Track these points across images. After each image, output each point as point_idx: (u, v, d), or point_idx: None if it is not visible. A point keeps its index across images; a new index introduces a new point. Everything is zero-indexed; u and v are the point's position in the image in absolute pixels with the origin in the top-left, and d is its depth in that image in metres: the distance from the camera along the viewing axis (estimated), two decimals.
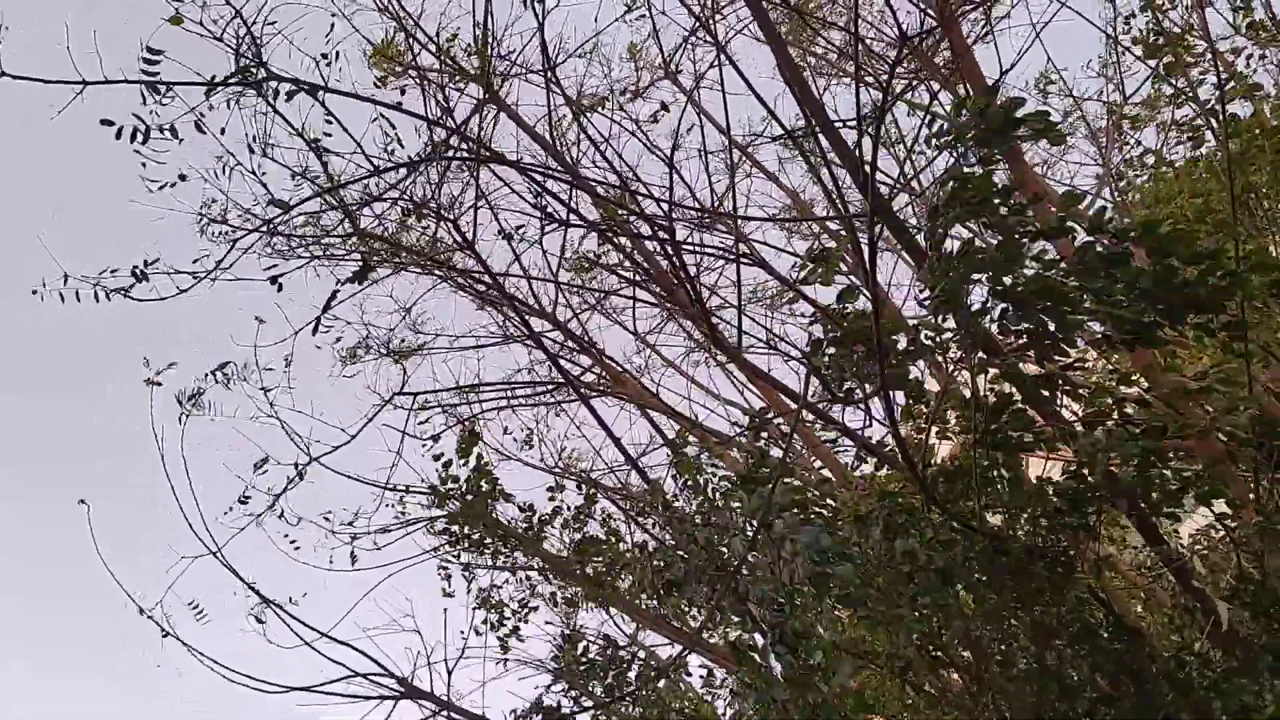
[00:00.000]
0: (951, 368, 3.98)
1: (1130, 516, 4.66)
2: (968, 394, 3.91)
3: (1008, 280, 3.54)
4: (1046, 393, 3.82)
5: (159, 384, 6.57)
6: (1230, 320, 4.20)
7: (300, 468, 7.35)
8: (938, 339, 3.77)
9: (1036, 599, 4.05)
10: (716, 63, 6.78)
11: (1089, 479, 3.97)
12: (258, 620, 6.45)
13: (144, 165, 5.70)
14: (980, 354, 3.73)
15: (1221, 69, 7.11)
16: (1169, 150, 8.53)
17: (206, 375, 6.84)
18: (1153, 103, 8.36)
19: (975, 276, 3.56)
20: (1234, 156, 6.20)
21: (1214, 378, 4.30)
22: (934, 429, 4.36)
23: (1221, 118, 6.43)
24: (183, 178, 6.42)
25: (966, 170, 3.64)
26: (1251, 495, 5.17)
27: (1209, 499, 3.96)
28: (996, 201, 3.54)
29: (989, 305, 3.60)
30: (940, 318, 3.70)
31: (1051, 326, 3.54)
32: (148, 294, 6.22)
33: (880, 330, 3.70)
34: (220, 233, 6.91)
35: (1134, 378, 5.98)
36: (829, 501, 4.73)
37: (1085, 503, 3.98)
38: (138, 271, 6.19)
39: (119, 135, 5.54)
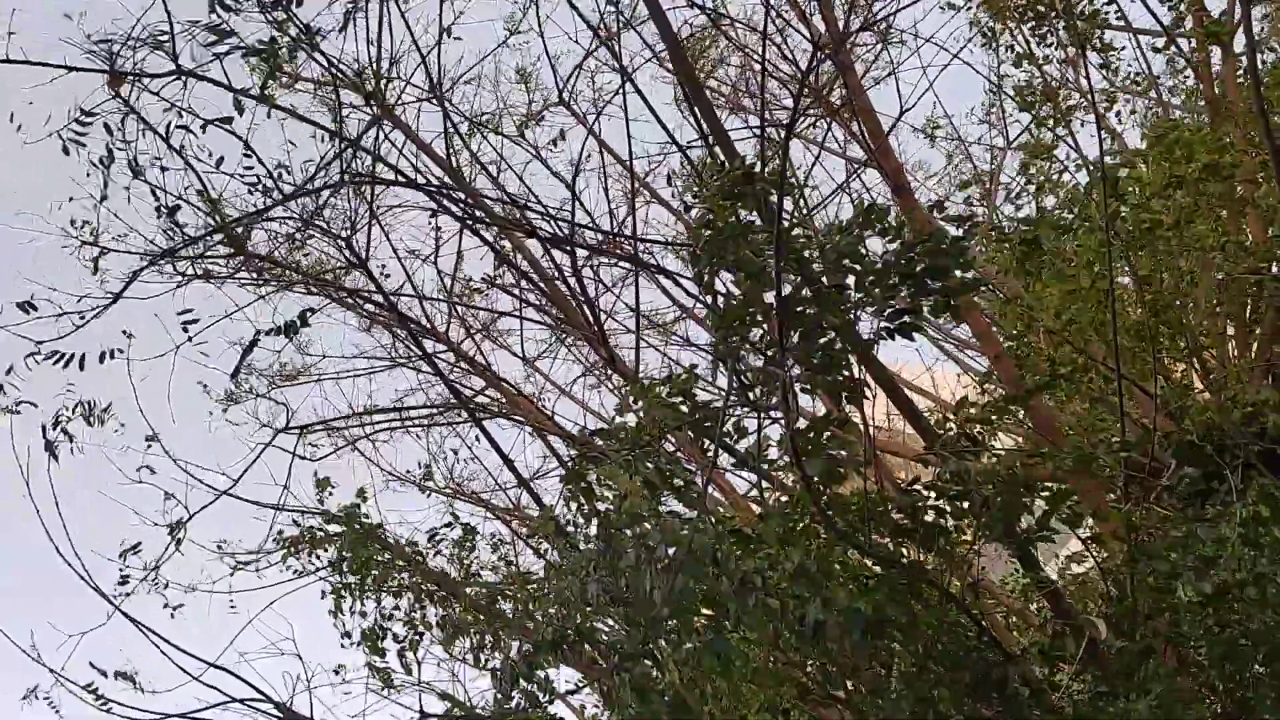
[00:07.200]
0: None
1: (1007, 543, 4.83)
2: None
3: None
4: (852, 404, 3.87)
5: (17, 412, 6.13)
6: None
7: (177, 531, 7.13)
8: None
9: (918, 623, 4.15)
10: (621, 90, 6.85)
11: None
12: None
13: None
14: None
15: (1096, 120, 7.50)
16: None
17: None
18: (1032, 150, 8.79)
19: None
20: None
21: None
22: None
23: (1102, 169, 6.77)
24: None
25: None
26: (1123, 525, 5.41)
27: (1073, 524, 4.14)
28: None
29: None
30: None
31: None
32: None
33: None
34: (93, 257, 6.53)
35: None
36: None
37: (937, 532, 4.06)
38: (26, 305, 5.86)
39: None
